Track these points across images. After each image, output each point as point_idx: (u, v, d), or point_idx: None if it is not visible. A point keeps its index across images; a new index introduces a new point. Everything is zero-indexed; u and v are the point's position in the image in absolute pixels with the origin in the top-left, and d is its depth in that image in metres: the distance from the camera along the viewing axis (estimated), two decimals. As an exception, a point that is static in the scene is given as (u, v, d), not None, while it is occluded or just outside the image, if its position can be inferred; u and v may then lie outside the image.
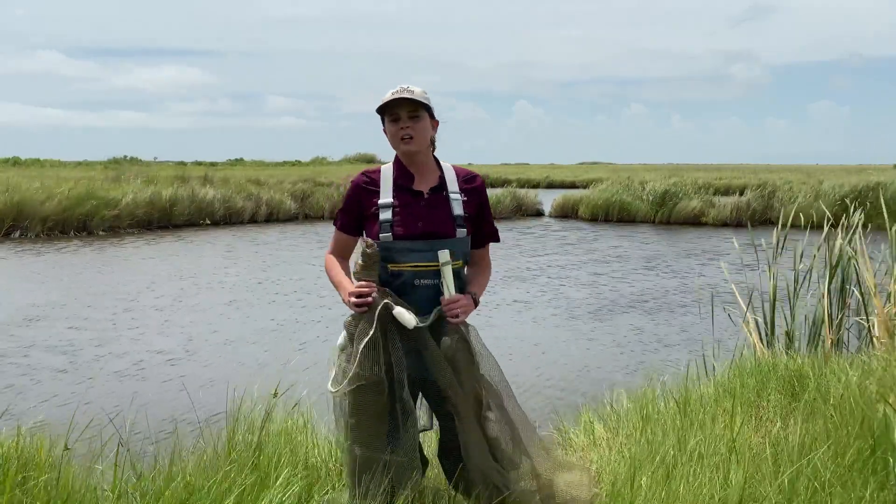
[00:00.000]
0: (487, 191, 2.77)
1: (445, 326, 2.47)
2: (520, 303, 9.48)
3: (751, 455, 2.98)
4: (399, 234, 2.50)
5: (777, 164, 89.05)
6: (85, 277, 11.28)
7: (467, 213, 2.58)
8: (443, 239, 2.51)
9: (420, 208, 2.54)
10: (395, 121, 2.53)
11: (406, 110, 2.51)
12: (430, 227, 2.52)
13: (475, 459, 2.44)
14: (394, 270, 2.50)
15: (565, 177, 50.02)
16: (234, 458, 2.81)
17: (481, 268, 2.73)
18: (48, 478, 2.49)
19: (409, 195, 2.56)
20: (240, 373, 6.25)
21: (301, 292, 10.10)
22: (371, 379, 2.41)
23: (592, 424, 3.88)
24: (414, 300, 2.47)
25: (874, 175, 28.73)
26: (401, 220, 2.52)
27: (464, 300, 2.49)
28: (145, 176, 22.70)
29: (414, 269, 2.49)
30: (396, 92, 2.50)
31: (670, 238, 17.73)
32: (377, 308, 2.42)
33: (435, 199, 2.57)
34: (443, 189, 2.59)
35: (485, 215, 2.67)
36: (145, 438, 4.08)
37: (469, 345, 2.49)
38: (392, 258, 2.50)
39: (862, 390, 3.51)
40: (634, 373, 6.23)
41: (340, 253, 2.69)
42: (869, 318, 5.11)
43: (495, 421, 2.50)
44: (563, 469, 2.62)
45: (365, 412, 2.44)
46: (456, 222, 2.55)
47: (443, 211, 2.55)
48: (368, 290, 2.44)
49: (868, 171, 44.13)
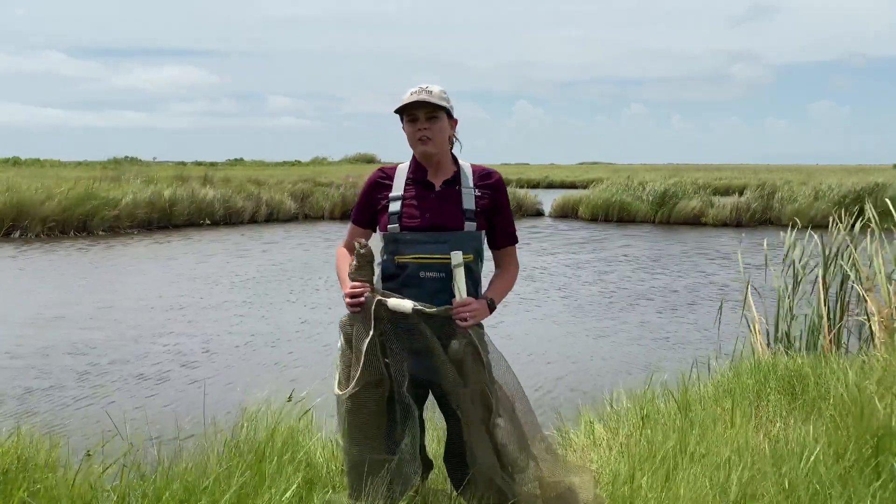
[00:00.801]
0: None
1: (455, 329, 2.43)
2: (519, 303, 9.47)
3: (751, 455, 2.98)
4: (406, 224, 2.50)
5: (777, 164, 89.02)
6: (93, 278, 11.28)
7: (479, 208, 2.55)
8: (450, 231, 2.49)
9: (430, 200, 2.54)
10: (413, 121, 2.52)
11: (424, 112, 2.50)
12: (437, 220, 2.50)
13: (480, 463, 2.43)
14: (400, 262, 2.50)
15: (565, 177, 50.00)
16: (234, 459, 2.81)
17: (505, 270, 2.67)
18: (50, 479, 2.49)
19: (422, 187, 2.55)
20: (247, 373, 6.25)
21: (313, 290, 10.10)
22: (374, 378, 2.41)
23: (592, 424, 3.87)
24: (419, 293, 2.45)
25: (875, 175, 28.73)
26: (409, 211, 2.51)
27: (475, 304, 2.44)
28: (145, 176, 22.69)
29: (419, 261, 2.48)
30: (415, 93, 2.49)
31: (670, 238, 17.73)
32: (371, 307, 2.42)
33: (447, 192, 2.56)
34: (456, 183, 2.58)
35: (503, 214, 2.63)
36: (152, 439, 4.08)
37: (478, 349, 2.44)
38: (398, 249, 2.50)
39: (862, 390, 3.51)
40: (634, 373, 6.23)
41: (351, 246, 2.67)
42: (869, 317, 5.11)
43: (504, 427, 2.47)
44: (568, 471, 2.60)
45: (365, 412, 2.43)
46: (465, 215, 2.52)
47: (453, 204, 2.54)
48: (361, 290, 2.44)
49: (868, 171, 44.14)
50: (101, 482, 2.65)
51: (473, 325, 2.44)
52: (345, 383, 2.45)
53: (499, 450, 2.46)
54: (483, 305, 2.48)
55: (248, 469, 2.66)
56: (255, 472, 2.66)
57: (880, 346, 4.65)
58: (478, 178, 2.61)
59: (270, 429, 3.15)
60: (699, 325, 8.17)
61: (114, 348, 6.99)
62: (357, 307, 2.44)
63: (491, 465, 2.43)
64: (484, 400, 2.45)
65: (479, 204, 2.56)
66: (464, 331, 2.43)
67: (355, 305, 2.44)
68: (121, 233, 17.27)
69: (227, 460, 2.78)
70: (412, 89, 2.51)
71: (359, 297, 2.43)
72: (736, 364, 4.70)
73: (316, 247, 15.55)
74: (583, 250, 15.27)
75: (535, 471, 2.52)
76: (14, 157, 52.84)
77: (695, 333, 7.81)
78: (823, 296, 5.37)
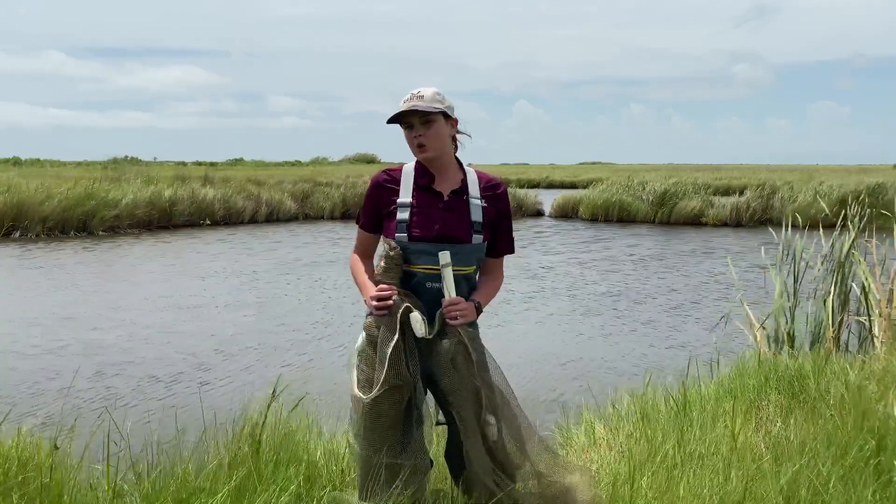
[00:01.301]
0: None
1: (446, 329, 2.46)
2: (522, 302, 9.47)
3: (751, 455, 2.98)
4: (415, 235, 2.49)
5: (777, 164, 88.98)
6: (101, 278, 11.28)
7: (486, 219, 2.56)
8: (458, 244, 2.50)
9: (438, 211, 2.53)
10: (410, 128, 2.51)
11: (418, 118, 2.49)
12: (446, 231, 2.50)
13: (475, 462, 2.44)
14: (407, 271, 2.50)
15: (565, 177, 49.99)
16: (234, 458, 2.81)
17: (492, 277, 2.69)
18: (50, 479, 2.49)
19: (429, 196, 2.54)
20: (258, 374, 6.25)
21: (321, 290, 10.11)
22: (397, 382, 2.42)
23: (593, 424, 3.87)
24: (423, 301, 2.48)
25: (875, 175, 28.71)
26: (418, 221, 2.50)
27: (463, 304, 2.47)
28: (145, 176, 22.70)
29: (426, 272, 2.48)
30: (407, 100, 2.48)
31: (670, 238, 17.73)
32: (398, 312, 2.43)
33: (455, 202, 2.55)
34: (464, 193, 2.57)
35: (504, 225, 2.64)
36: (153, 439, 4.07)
37: (468, 349, 2.46)
38: (406, 258, 2.50)
39: (862, 390, 3.51)
40: (636, 372, 6.23)
41: (364, 252, 2.68)
42: (870, 318, 5.11)
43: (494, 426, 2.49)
44: (564, 470, 2.61)
45: (385, 418, 2.44)
46: (473, 228, 2.53)
47: (461, 215, 2.53)
48: (389, 292, 2.44)
49: (869, 171, 44.09)
50: (102, 482, 2.65)
51: (465, 326, 2.47)
52: (367, 387, 2.46)
53: (491, 448, 2.47)
54: (471, 307, 2.50)
55: (246, 469, 2.66)
56: (253, 472, 2.66)
57: (880, 346, 4.65)
58: (484, 187, 2.61)
59: (273, 428, 3.15)
60: (699, 325, 8.16)
61: (123, 350, 6.98)
62: (384, 310, 2.44)
63: (484, 463, 2.44)
64: (476, 398, 2.46)
65: (486, 215, 2.57)
66: (453, 330, 2.45)
67: (382, 308, 2.44)
68: (121, 233, 17.28)
69: (226, 460, 2.78)
70: (405, 97, 2.51)
71: (387, 299, 2.44)
72: (736, 364, 4.70)
73: (321, 247, 15.56)
74: (584, 250, 15.27)
75: (531, 469, 2.52)
76: (14, 158, 52.84)
77: (695, 333, 7.81)
78: (823, 295, 5.37)
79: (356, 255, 2.69)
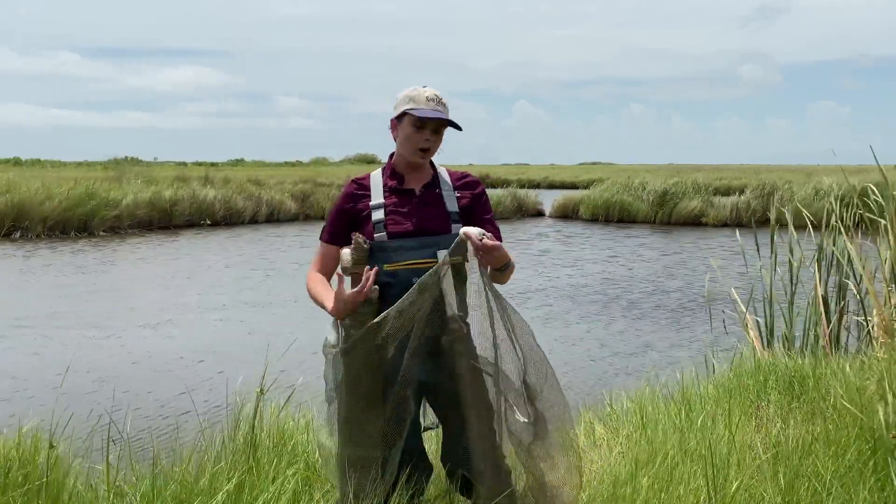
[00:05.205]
0: (488, 191, 2.74)
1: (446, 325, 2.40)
2: (522, 302, 9.47)
3: (751, 455, 2.98)
4: (393, 232, 2.47)
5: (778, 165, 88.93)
6: (109, 276, 11.29)
7: (461, 209, 2.54)
8: (437, 235, 2.46)
9: (412, 206, 2.51)
10: (420, 129, 2.47)
11: (435, 123, 2.47)
12: (423, 224, 2.48)
13: (475, 463, 2.42)
14: (389, 270, 2.45)
15: (565, 177, 49.93)
16: (232, 457, 2.81)
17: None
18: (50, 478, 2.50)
19: (401, 194, 2.53)
20: (258, 373, 6.24)
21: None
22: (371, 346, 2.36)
23: (592, 424, 3.87)
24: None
25: (875, 175, 28.61)
26: (393, 218, 2.48)
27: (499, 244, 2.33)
28: (146, 176, 22.70)
29: (410, 268, 2.44)
30: (432, 101, 2.45)
31: (671, 238, 17.73)
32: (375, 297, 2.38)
33: (428, 195, 2.53)
34: (435, 186, 2.56)
35: (482, 210, 2.58)
36: (154, 438, 4.08)
37: (470, 346, 2.43)
38: (388, 258, 2.45)
39: (861, 390, 3.51)
40: (635, 373, 6.23)
41: (324, 269, 2.59)
42: (868, 317, 5.10)
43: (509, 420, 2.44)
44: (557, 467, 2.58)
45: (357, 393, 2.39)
46: (451, 218, 2.50)
47: (436, 207, 2.52)
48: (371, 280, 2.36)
49: (869, 171, 43.97)
50: (101, 482, 2.65)
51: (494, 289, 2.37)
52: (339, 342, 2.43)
53: (491, 447, 2.45)
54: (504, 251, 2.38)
55: (244, 468, 2.67)
56: (251, 472, 2.66)
57: (879, 346, 4.64)
58: (455, 179, 2.60)
59: (270, 428, 3.15)
60: (699, 325, 8.16)
61: (123, 350, 6.99)
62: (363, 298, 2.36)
63: (484, 463, 2.42)
64: (483, 402, 2.44)
65: (461, 204, 2.55)
66: (458, 327, 2.41)
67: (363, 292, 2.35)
68: (122, 233, 17.28)
69: (225, 460, 2.79)
70: (426, 93, 2.46)
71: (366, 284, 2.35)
72: (736, 364, 4.70)
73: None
74: (584, 250, 15.27)
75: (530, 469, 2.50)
76: (15, 158, 52.82)
77: (695, 333, 7.81)
78: (822, 295, 5.36)
79: (316, 274, 2.59)
